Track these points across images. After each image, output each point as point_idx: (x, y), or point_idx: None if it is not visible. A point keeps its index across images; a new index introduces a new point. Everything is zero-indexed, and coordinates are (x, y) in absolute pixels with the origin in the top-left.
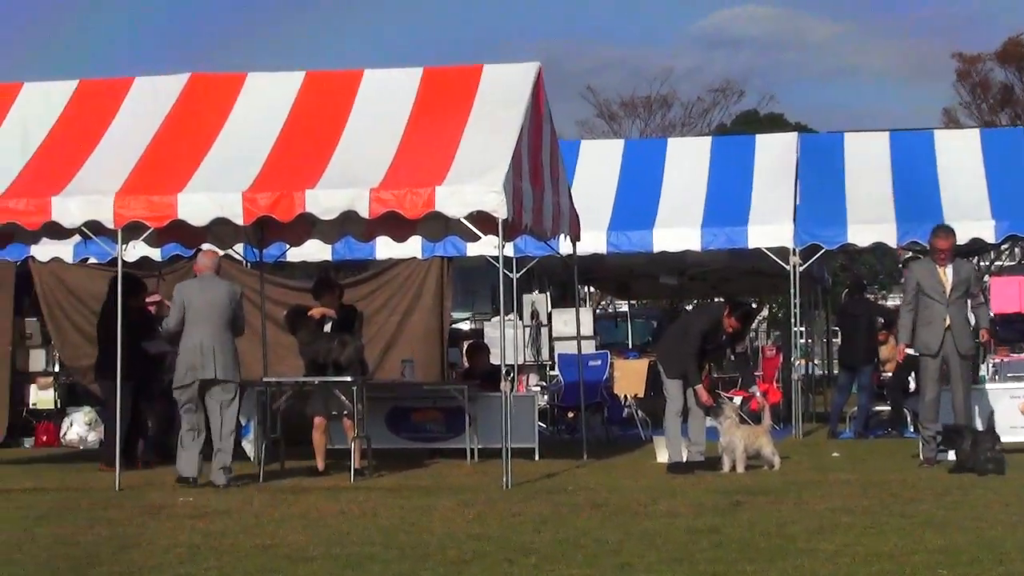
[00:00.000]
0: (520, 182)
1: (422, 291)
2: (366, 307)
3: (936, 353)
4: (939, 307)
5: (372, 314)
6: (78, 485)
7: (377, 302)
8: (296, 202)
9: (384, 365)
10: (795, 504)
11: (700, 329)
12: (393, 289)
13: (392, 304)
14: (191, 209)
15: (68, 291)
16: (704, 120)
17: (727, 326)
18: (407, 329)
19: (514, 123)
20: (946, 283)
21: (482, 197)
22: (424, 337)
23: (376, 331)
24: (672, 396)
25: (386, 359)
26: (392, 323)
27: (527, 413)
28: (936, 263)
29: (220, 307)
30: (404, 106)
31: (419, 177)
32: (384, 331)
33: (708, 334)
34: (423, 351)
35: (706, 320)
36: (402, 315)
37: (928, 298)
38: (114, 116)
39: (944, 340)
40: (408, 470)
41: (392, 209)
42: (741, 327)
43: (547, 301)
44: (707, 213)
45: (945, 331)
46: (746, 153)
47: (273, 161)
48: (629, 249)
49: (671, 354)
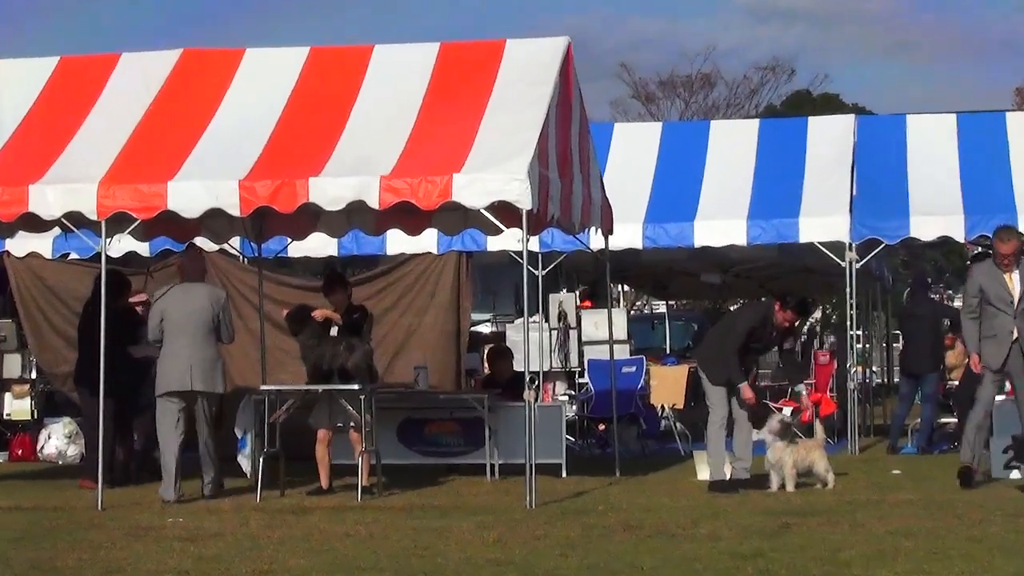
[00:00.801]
0: (546, 170)
1: (437, 289)
2: (374, 307)
3: (1000, 369)
4: (1005, 318)
5: (380, 314)
6: (57, 504)
7: (386, 302)
8: (299, 191)
9: (394, 371)
10: (850, 527)
11: (747, 324)
12: (404, 287)
13: (403, 304)
14: (183, 199)
15: (47, 289)
16: (751, 101)
17: (781, 321)
18: (420, 332)
19: (540, 104)
20: (1013, 291)
21: (504, 186)
22: (439, 341)
23: (385, 334)
24: (714, 406)
25: (396, 364)
26: (403, 325)
27: (553, 425)
28: (1000, 268)
29: (201, 317)
30: (418, 85)
31: (435, 164)
32: (394, 334)
33: (756, 331)
34: (438, 356)
35: (754, 315)
36: (414, 316)
37: (992, 307)
38: (98, 96)
39: (1010, 354)
40: (421, 488)
41: (405, 199)
42: (796, 320)
43: (576, 301)
44: (754, 204)
45: (1012, 345)
46: (797, 137)
47: (273, 146)
48: (667, 244)
49: (713, 358)
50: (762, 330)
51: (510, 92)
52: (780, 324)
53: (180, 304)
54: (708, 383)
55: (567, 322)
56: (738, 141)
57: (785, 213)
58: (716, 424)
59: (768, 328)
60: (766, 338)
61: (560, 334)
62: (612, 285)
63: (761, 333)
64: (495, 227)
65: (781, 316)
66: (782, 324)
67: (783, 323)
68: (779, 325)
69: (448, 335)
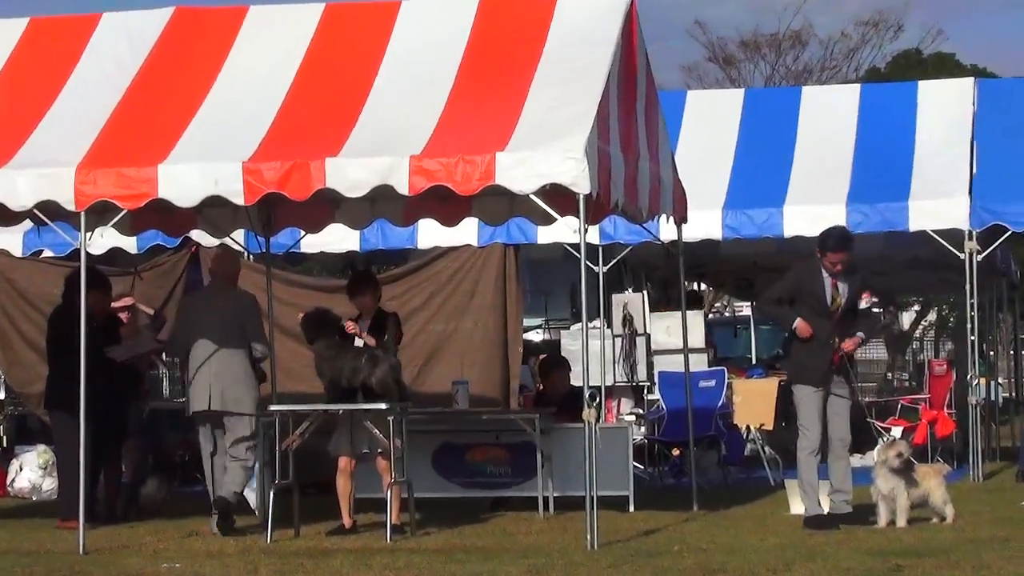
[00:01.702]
0: (607, 146)
1: (477, 289)
2: (400, 309)
3: None
4: None
5: (405, 317)
6: (32, 547)
7: (414, 302)
8: (313, 175)
9: (424, 383)
10: (973, 569)
11: (785, 280)
12: (436, 286)
13: (433, 304)
14: (176, 185)
15: (17, 294)
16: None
17: (830, 267)
18: (456, 338)
19: (598, 70)
20: None
21: (557, 166)
22: (482, 349)
23: (409, 340)
24: (805, 425)
25: (426, 378)
26: (433, 331)
27: (618, 450)
28: None
29: (225, 325)
30: (454, 49)
31: (475, 141)
32: (421, 342)
33: (803, 285)
34: (481, 368)
35: (793, 272)
36: (447, 320)
37: None
38: (75, 64)
39: None
40: (462, 526)
41: (439, 183)
42: (844, 258)
43: (644, 302)
44: (855, 185)
45: None
46: (906, 105)
47: (283, 122)
48: (752, 234)
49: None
50: (811, 282)
51: (563, 55)
52: (830, 269)
53: (201, 307)
54: (797, 395)
55: (633, 328)
56: (835, 111)
57: (892, 196)
58: (807, 448)
59: (817, 278)
60: (819, 290)
61: (625, 342)
62: (686, 283)
63: (812, 286)
64: (547, 215)
65: (826, 262)
66: (832, 268)
67: (832, 267)
68: (829, 271)
69: (493, 343)
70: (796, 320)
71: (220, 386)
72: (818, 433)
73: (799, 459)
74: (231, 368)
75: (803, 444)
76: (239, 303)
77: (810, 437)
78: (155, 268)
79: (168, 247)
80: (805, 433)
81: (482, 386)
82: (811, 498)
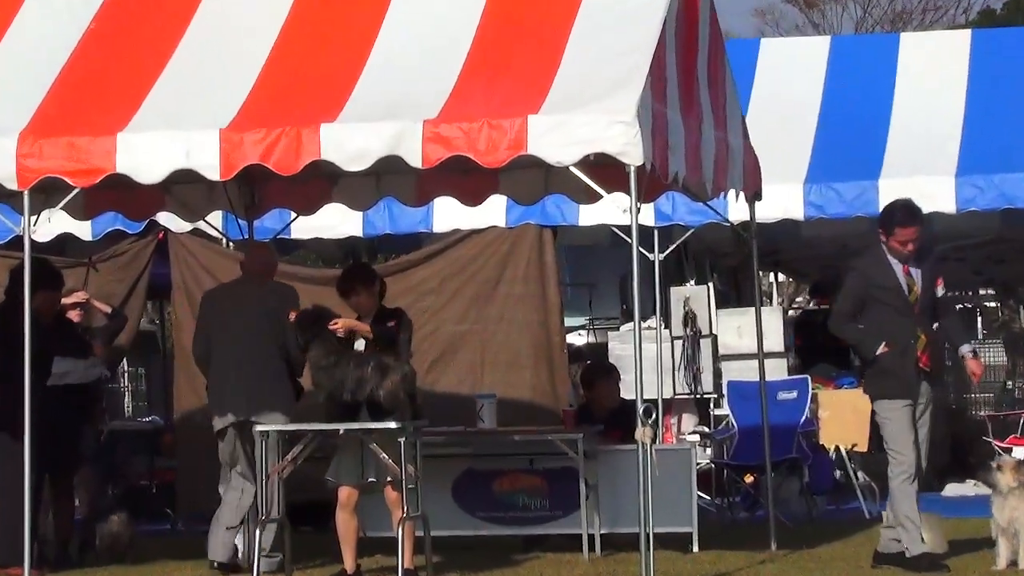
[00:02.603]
0: (663, 107)
1: (503, 275)
2: (408, 306)
3: None
4: None
5: (416, 315)
6: None
7: (426, 299)
8: (305, 145)
9: (435, 389)
10: None
11: (851, 279)
12: (447, 275)
13: (445, 293)
14: (139, 158)
15: None
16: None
17: (899, 248)
18: (474, 337)
19: (652, 16)
20: None
21: (603, 131)
22: (510, 352)
23: (416, 342)
24: (896, 447)
25: (433, 385)
26: (443, 331)
27: (679, 477)
28: None
29: (252, 322)
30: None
31: (501, 102)
32: (428, 345)
33: (872, 276)
34: (504, 373)
35: (857, 267)
36: (462, 315)
37: None
38: (14, 14)
39: None
40: (489, 570)
41: (459, 153)
42: (915, 235)
43: (709, 297)
44: (964, 153)
45: None
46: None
47: (269, 81)
48: (840, 212)
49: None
50: (880, 275)
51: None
52: (900, 251)
53: (225, 304)
54: (882, 413)
55: (696, 328)
56: (940, 61)
57: (1010, 165)
58: (902, 474)
59: (886, 269)
60: (892, 281)
61: (688, 345)
62: (761, 273)
63: (882, 279)
64: (590, 192)
65: (893, 243)
66: (902, 250)
67: (902, 248)
68: (899, 254)
69: (524, 344)
70: (880, 346)
71: (247, 393)
72: (913, 455)
73: (892, 488)
74: (263, 372)
75: (896, 470)
76: (275, 295)
77: (903, 461)
78: (113, 258)
79: (129, 233)
80: (896, 457)
81: (513, 398)
82: (913, 536)
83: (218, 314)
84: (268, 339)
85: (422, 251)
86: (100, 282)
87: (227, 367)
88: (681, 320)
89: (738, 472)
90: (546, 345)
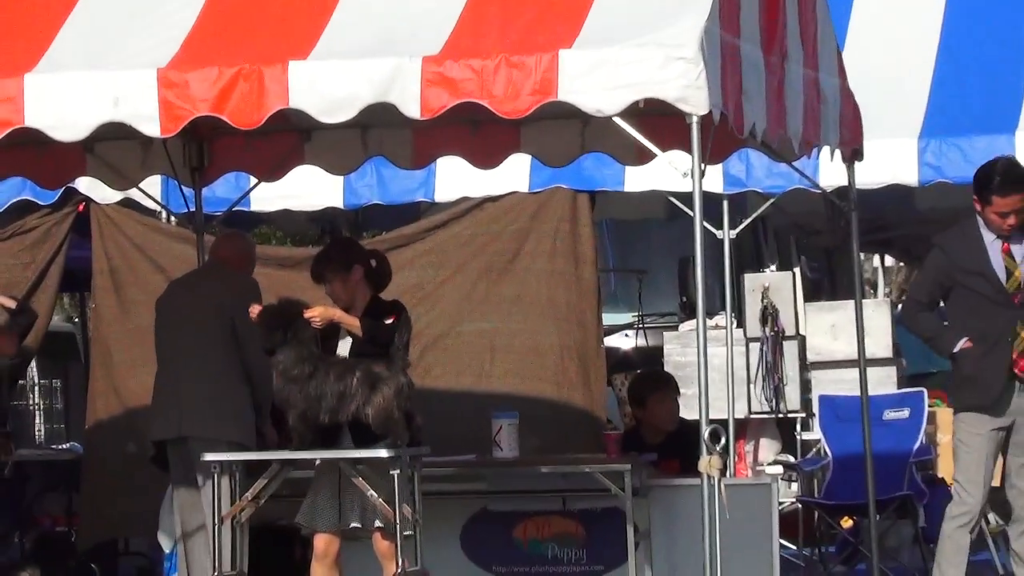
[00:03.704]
0: (736, 39)
1: (523, 248)
2: (396, 282)
3: None
4: None
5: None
6: None
7: (416, 275)
8: (269, 88)
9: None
10: None
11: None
12: (458, 242)
13: (451, 263)
14: (53, 107)
15: None
16: None
17: (998, 222)
18: (485, 328)
19: None
20: None
21: (657, 71)
22: (528, 345)
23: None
24: (964, 478)
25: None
26: (441, 318)
27: (757, 521)
28: None
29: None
30: None
31: (524, 33)
32: (423, 330)
33: (958, 258)
34: (527, 379)
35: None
36: (466, 295)
37: None
38: None
39: None
40: None
41: (469, 99)
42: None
43: (796, 287)
44: None
45: None
46: None
47: (217, 9)
48: (963, 177)
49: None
50: (970, 255)
51: None
52: (998, 225)
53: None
54: (959, 429)
55: (779, 326)
56: None
57: None
58: (960, 517)
59: (977, 247)
60: (984, 263)
61: (767, 349)
62: (863, 256)
63: (972, 260)
64: (640, 150)
65: (990, 214)
66: (1000, 224)
67: (1000, 222)
68: (997, 228)
69: (553, 337)
70: (961, 341)
71: (180, 407)
72: (980, 495)
73: (944, 532)
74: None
75: (954, 510)
76: (230, 288)
77: (967, 499)
78: (18, 235)
79: (41, 204)
80: (960, 494)
81: (537, 415)
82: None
83: (166, 311)
84: (218, 342)
85: (420, 223)
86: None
87: (164, 376)
88: (759, 317)
89: (833, 514)
90: (579, 341)
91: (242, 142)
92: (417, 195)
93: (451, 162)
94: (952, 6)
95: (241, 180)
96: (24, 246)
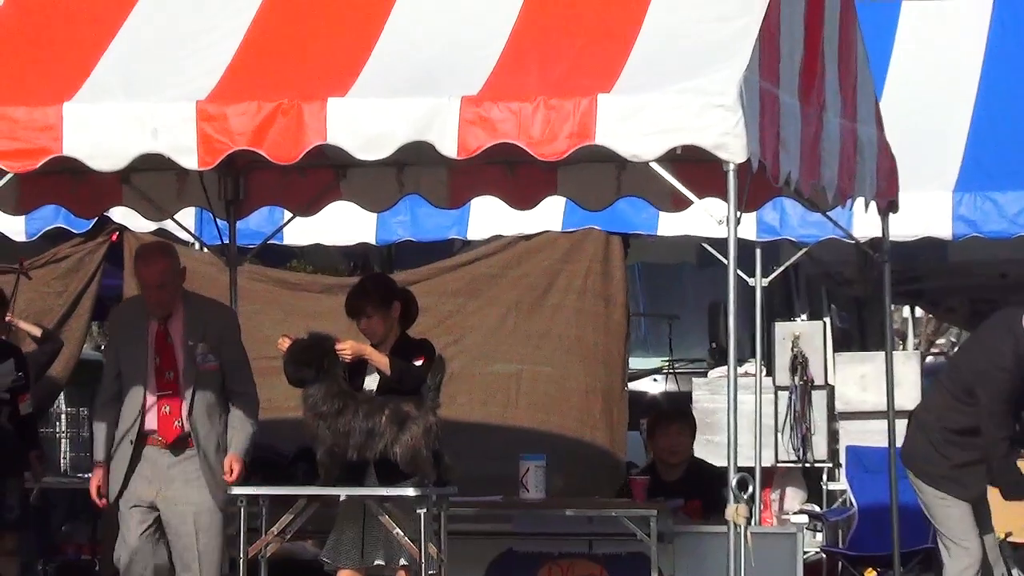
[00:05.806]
0: (774, 88)
1: (553, 285)
2: (424, 310)
3: None
4: None
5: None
6: None
7: (447, 306)
8: (308, 125)
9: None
10: None
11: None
12: (488, 272)
13: (481, 295)
14: (91, 137)
15: None
16: None
17: None
18: (514, 363)
19: None
20: None
21: (695, 118)
22: (555, 382)
23: None
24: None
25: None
26: (467, 350)
27: (781, 570)
28: None
29: None
30: None
31: (563, 76)
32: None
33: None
34: (552, 415)
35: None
36: (495, 328)
37: None
38: None
39: None
40: None
41: (507, 141)
42: None
43: (826, 336)
44: None
45: None
46: None
47: (261, 40)
48: (999, 232)
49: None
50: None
51: None
52: None
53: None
54: (936, 498)
55: (808, 376)
56: None
57: None
58: (967, 570)
59: None
60: None
61: (795, 398)
62: (894, 307)
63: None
64: (677, 196)
65: None
66: None
67: None
68: None
69: (580, 376)
70: None
71: None
72: (977, 542)
73: None
74: None
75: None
76: (201, 317)
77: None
78: (52, 264)
79: (74, 233)
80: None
81: (563, 457)
82: None
83: (121, 341)
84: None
85: (453, 259)
86: (33, 294)
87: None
88: (788, 365)
89: (857, 565)
90: (604, 381)
91: (278, 176)
92: (450, 233)
93: (485, 200)
94: (990, 59)
95: (275, 213)
96: (57, 274)
